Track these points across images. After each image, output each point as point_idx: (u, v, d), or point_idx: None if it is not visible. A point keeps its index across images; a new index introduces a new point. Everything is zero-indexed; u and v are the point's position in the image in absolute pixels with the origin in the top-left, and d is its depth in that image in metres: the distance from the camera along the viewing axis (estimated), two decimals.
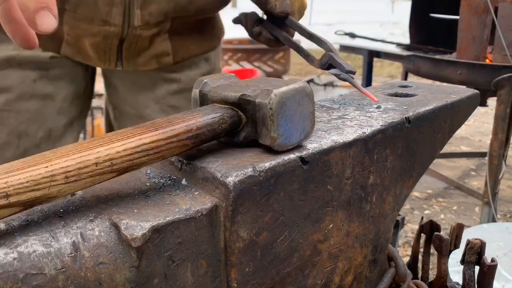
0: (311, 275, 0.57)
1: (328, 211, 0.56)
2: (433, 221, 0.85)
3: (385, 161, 0.62)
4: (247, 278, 0.49)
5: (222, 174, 0.46)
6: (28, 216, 0.42)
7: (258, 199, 0.48)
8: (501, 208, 3.09)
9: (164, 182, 0.50)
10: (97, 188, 0.48)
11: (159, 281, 0.43)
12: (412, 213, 3.13)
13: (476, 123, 5.10)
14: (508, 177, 3.59)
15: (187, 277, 0.45)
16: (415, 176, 0.69)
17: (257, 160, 0.49)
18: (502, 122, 2.43)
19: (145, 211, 0.43)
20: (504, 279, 1.61)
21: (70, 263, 0.39)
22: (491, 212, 2.55)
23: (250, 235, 0.48)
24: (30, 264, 0.37)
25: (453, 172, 3.81)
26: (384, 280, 0.69)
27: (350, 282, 0.64)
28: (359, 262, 0.64)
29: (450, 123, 0.73)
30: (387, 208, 0.66)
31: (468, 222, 2.96)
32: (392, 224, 0.69)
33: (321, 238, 0.56)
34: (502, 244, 1.87)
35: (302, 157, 0.51)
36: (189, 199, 0.46)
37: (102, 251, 0.40)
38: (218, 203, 0.46)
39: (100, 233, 0.41)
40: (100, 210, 0.44)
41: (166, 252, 0.43)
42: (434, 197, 3.40)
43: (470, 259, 0.79)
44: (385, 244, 0.68)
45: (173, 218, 0.43)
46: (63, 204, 0.45)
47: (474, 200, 3.20)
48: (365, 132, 0.59)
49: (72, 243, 0.40)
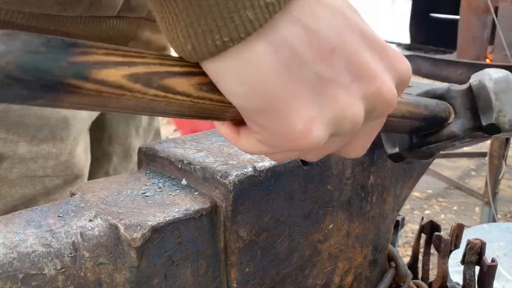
0: (311, 275, 0.57)
1: (328, 211, 0.56)
2: (433, 221, 0.85)
3: (385, 161, 0.62)
4: (247, 278, 0.49)
5: (222, 174, 0.46)
6: (28, 216, 0.42)
7: (258, 199, 0.48)
8: (501, 208, 3.09)
9: (164, 182, 0.50)
10: (97, 188, 0.48)
11: (159, 281, 0.43)
12: (412, 213, 3.13)
13: None
14: (508, 177, 3.59)
15: (187, 277, 0.45)
16: (415, 176, 0.69)
17: (257, 160, 0.49)
18: None
19: (145, 211, 0.43)
20: (504, 279, 1.62)
21: (69, 263, 0.39)
22: (491, 212, 2.55)
23: (250, 235, 0.48)
24: (30, 264, 0.37)
25: (453, 172, 3.81)
26: (384, 280, 0.69)
27: (350, 282, 0.64)
28: (359, 262, 0.64)
29: None
30: (387, 208, 0.66)
31: (468, 222, 2.96)
32: (392, 224, 0.69)
33: (321, 238, 0.56)
34: (502, 244, 1.87)
35: None
36: (189, 199, 0.46)
37: (102, 251, 0.40)
38: (218, 203, 0.46)
39: (100, 233, 0.41)
40: (100, 210, 0.44)
41: (166, 252, 0.43)
42: (434, 197, 3.40)
43: (470, 259, 0.79)
44: (385, 244, 0.68)
45: (173, 218, 0.43)
46: (63, 204, 0.45)
47: (474, 200, 3.20)
48: None
49: (71, 243, 0.40)
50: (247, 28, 0.28)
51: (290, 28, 0.30)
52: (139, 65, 0.29)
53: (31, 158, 0.68)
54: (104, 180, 0.50)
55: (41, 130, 0.68)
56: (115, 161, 0.93)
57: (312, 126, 0.32)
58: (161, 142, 0.55)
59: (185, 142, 0.56)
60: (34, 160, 0.69)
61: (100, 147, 0.91)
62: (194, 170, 0.49)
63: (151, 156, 0.53)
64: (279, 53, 0.30)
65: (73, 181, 0.74)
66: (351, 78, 0.32)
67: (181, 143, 0.55)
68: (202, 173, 0.48)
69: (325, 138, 0.33)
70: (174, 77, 0.30)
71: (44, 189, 0.70)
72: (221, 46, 0.29)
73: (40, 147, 0.68)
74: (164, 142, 0.55)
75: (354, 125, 0.34)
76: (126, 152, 0.94)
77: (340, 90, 0.32)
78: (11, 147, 0.67)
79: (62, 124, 0.70)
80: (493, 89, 0.50)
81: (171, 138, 0.58)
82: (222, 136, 0.38)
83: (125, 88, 0.28)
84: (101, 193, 0.47)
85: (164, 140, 0.57)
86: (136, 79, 0.29)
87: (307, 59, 0.30)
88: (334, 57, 0.31)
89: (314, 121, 0.32)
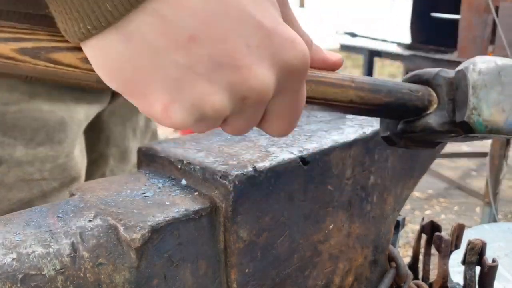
0: (312, 276, 0.56)
1: (329, 211, 0.56)
2: (434, 222, 0.85)
3: (386, 161, 0.62)
4: (247, 279, 0.49)
5: (222, 174, 0.46)
6: (28, 217, 0.42)
7: (258, 199, 0.47)
8: (502, 208, 3.09)
9: (163, 182, 0.50)
10: (97, 188, 0.48)
11: (158, 281, 0.43)
12: (413, 213, 3.13)
13: None
14: (509, 177, 3.59)
15: (187, 277, 0.45)
16: (416, 176, 0.69)
17: (257, 160, 0.49)
18: None
19: (145, 212, 0.43)
20: (505, 279, 1.61)
21: (69, 263, 0.39)
22: (492, 212, 2.55)
23: (250, 235, 0.48)
24: (29, 264, 0.37)
25: (454, 172, 3.81)
26: (385, 280, 0.69)
27: (351, 282, 0.64)
28: (359, 262, 0.64)
29: None
30: (388, 209, 0.66)
31: (469, 222, 2.95)
32: (392, 225, 0.69)
33: (322, 239, 0.56)
34: (503, 244, 1.86)
35: (303, 157, 0.51)
36: (188, 200, 0.46)
37: (101, 251, 0.40)
38: (218, 204, 0.46)
39: (99, 233, 0.41)
40: (99, 210, 0.43)
41: (165, 253, 0.43)
42: (435, 197, 3.39)
43: (471, 260, 0.78)
44: (386, 244, 0.68)
45: (173, 218, 0.43)
46: (62, 205, 0.45)
47: (475, 200, 3.20)
48: (366, 132, 0.59)
49: (71, 243, 0.39)
50: (107, 18, 0.31)
51: (145, 19, 0.32)
52: (27, 40, 0.35)
53: (28, 161, 0.68)
54: (104, 181, 0.50)
55: (38, 133, 0.68)
56: (112, 163, 0.92)
57: (170, 110, 0.34)
58: (161, 142, 0.55)
59: (185, 142, 0.56)
60: (31, 163, 0.68)
61: (97, 149, 0.90)
62: (194, 170, 0.49)
63: (151, 156, 0.53)
64: (130, 43, 0.32)
65: (70, 184, 0.73)
66: (212, 67, 0.33)
67: (181, 143, 0.55)
68: (202, 173, 0.48)
69: (187, 121, 0.35)
70: (61, 51, 0.35)
71: (41, 193, 0.70)
72: (87, 34, 0.32)
73: (37, 150, 0.68)
74: (164, 142, 0.55)
75: (217, 111, 0.35)
76: (123, 154, 0.94)
77: (199, 77, 0.33)
78: (8, 151, 0.66)
79: (60, 127, 0.70)
80: (474, 81, 0.44)
81: (171, 138, 0.58)
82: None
83: (16, 59, 0.34)
84: (101, 194, 0.47)
85: (164, 140, 0.57)
86: (24, 52, 0.34)
87: (162, 48, 0.32)
88: (193, 46, 0.32)
89: (172, 105, 0.34)
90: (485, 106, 0.44)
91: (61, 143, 0.70)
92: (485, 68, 0.44)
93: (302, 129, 0.60)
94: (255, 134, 0.59)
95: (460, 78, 0.45)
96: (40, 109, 0.67)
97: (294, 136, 0.57)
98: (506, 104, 0.44)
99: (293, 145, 0.54)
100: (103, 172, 0.91)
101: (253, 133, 0.59)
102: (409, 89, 0.46)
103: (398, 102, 0.46)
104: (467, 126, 0.44)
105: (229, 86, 0.34)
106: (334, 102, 0.43)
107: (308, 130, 0.60)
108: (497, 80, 0.44)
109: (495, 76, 0.44)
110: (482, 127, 0.44)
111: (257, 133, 0.59)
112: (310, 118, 0.66)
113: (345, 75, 0.45)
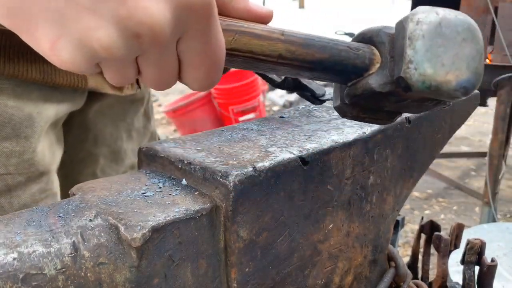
0: (311, 275, 0.57)
1: (328, 211, 0.56)
2: (433, 221, 0.85)
3: (385, 161, 0.62)
4: (247, 278, 0.49)
5: (222, 174, 0.46)
6: (28, 216, 0.42)
7: (258, 199, 0.48)
8: (501, 208, 3.09)
9: (164, 182, 0.50)
10: (97, 188, 0.48)
11: (159, 281, 0.43)
12: (412, 213, 3.13)
13: (476, 123, 5.10)
14: (508, 177, 3.59)
15: (187, 277, 0.45)
16: (415, 176, 0.69)
17: (257, 160, 0.49)
18: (502, 122, 2.43)
19: (145, 211, 0.43)
20: (504, 279, 1.62)
21: (70, 263, 0.39)
22: (491, 212, 2.55)
23: (250, 235, 0.48)
24: (30, 264, 0.37)
25: (453, 172, 3.81)
26: (384, 280, 0.69)
27: (350, 282, 0.64)
28: (359, 262, 0.64)
29: (450, 123, 0.73)
30: (387, 208, 0.66)
31: (468, 222, 2.96)
32: (392, 224, 0.69)
33: (321, 238, 0.56)
34: (502, 244, 1.87)
35: (302, 157, 0.51)
36: (189, 199, 0.46)
37: (102, 251, 0.40)
38: (218, 203, 0.46)
39: (100, 233, 0.41)
40: (100, 210, 0.44)
41: (166, 252, 0.43)
42: (434, 197, 3.40)
43: (470, 259, 0.79)
44: (385, 244, 0.68)
45: (173, 218, 0.43)
46: (63, 204, 0.45)
47: (474, 200, 3.20)
48: (365, 132, 0.59)
49: (72, 243, 0.40)
50: None
51: None
52: None
53: None
54: (104, 180, 0.50)
55: (3, 128, 0.67)
56: (102, 163, 0.92)
57: (57, 46, 0.34)
58: (161, 142, 0.55)
59: (185, 142, 0.56)
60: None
61: (85, 148, 0.90)
62: (194, 170, 0.49)
63: (151, 156, 0.54)
64: None
65: (37, 178, 0.73)
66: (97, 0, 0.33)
67: (181, 143, 0.55)
68: (202, 173, 0.48)
69: (76, 59, 0.34)
70: None
71: (5, 187, 0.69)
72: None
73: (2, 145, 0.67)
74: (164, 142, 0.55)
75: (106, 49, 0.34)
76: (116, 155, 0.93)
77: (84, 10, 0.33)
78: None
79: (27, 122, 0.69)
80: (410, 32, 0.39)
81: (171, 138, 0.58)
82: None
83: None
84: (101, 193, 0.47)
85: (164, 140, 0.57)
86: None
87: None
88: None
89: (58, 41, 0.34)
90: (422, 58, 0.39)
91: (27, 138, 0.70)
92: (424, 18, 0.39)
93: (302, 129, 0.61)
94: (255, 134, 0.59)
95: (399, 30, 0.41)
96: (6, 104, 0.67)
97: (294, 136, 0.57)
98: (446, 58, 0.39)
99: (293, 145, 0.54)
100: (93, 171, 0.91)
101: (253, 133, 0.59)
102: (347, 46, 0.43)
103: (333, 59, 0.42)
104: (404, 82, 0.40)
105: (116, 20, 0.33)
106: (261, 56, 0.40)
107: (307, 130, 0.60)
108: (437, 31, 0.39)
109: (434, 26, 0.39)
110: (419, 83, 0.39)
111: (257, 133, 0.59)
112: (310, 118, 0.66)
113: (275, 28, 0.41)
